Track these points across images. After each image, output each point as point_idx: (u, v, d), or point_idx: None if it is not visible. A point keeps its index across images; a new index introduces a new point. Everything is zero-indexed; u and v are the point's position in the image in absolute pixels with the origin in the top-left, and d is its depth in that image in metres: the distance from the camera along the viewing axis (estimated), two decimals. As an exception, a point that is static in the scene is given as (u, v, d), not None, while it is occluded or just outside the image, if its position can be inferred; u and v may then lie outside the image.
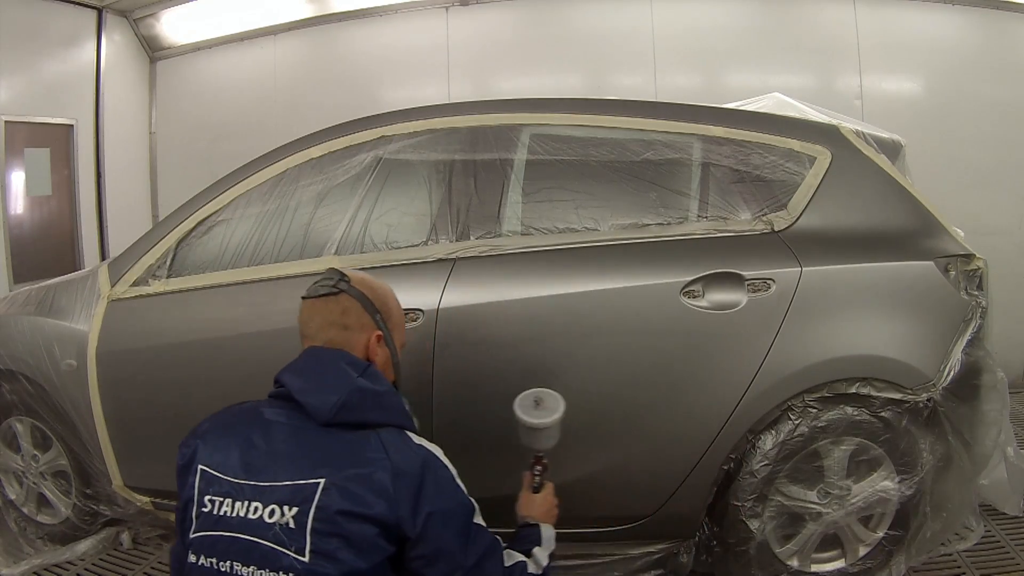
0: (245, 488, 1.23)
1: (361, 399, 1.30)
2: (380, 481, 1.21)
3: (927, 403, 1.91)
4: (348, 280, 1.43)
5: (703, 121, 2.09)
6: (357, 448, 1.25)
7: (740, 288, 1.90)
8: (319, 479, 1.21)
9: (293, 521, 1.19)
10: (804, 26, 4.22)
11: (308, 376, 1.33)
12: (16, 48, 4.19)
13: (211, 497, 1.25)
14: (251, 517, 1.22)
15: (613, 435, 1.95)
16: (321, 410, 1.27)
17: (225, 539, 1.22)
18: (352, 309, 1.41)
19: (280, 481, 1.22)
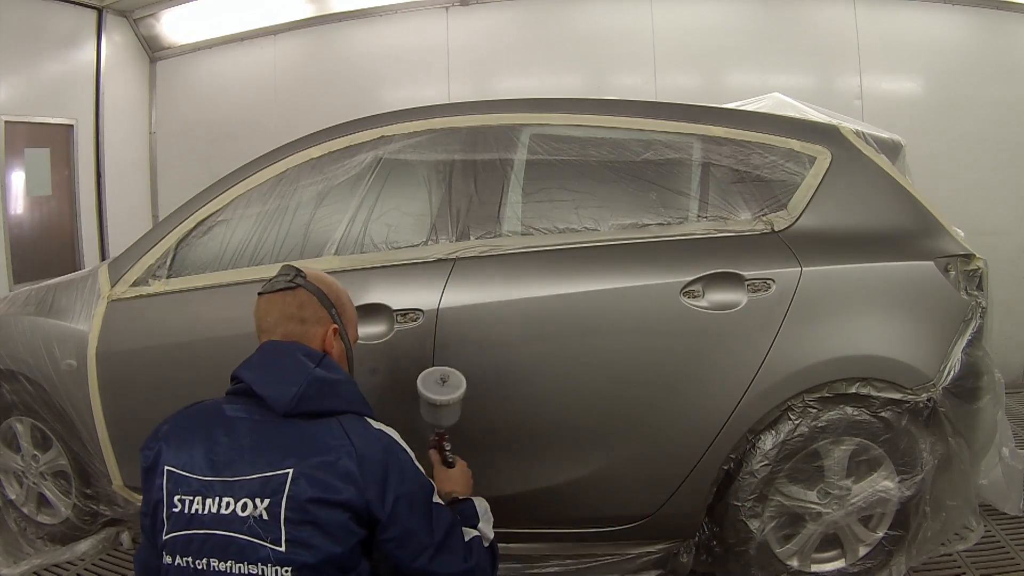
0: (215, 485, 1.25)
1: (319, 388, 1.32)
2: (346, 467, 1.24)
3: (927, 403, 1.91)
4: (304, 275, 1.47)
5: (703, 121, 2.09)
6: (320, 436, 1.27)
7: (740, 288, 1.90)
8: (287, 469, 1.23)
9: (266, 512, 1.21)
10: (804, 26, 4.22)
11: (266, 369, 1.36)
12: (16, 48, 4.19)
13: (180, 497, 1.26)
14: (224, 513, 1.23)
15: (613, 435, 1.95)
16: (281, 401, 1.29)
17: (199, 536, 1.24)
18: (309, 303, 1.45)
19: (248, 475, 1.24)
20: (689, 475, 1.92)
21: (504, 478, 1.95)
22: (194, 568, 1.23)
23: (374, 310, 1.95)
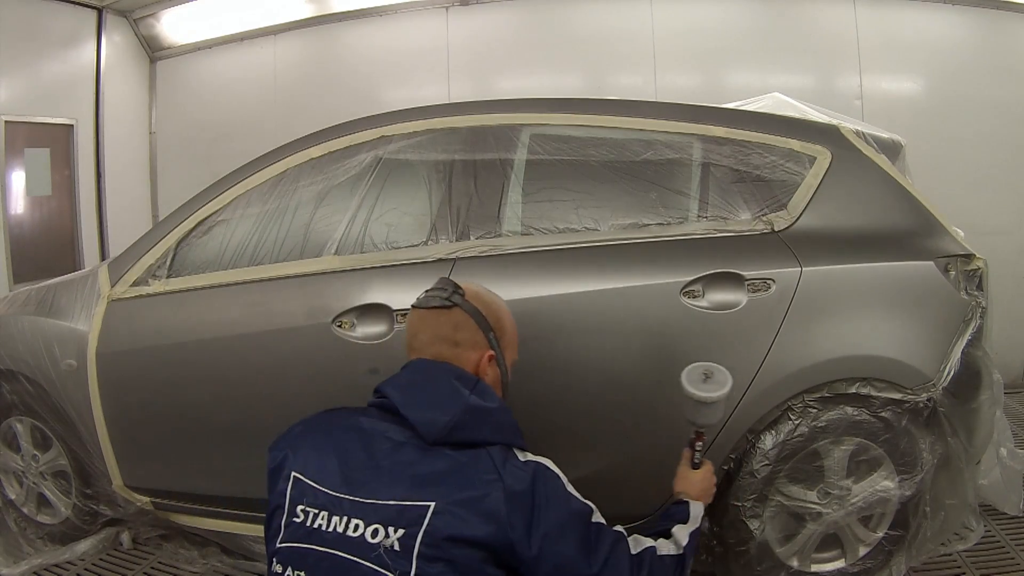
0: (345, 503, 1.17)
1: (473, 418, 1.24)
2: (493, 504, 1.16)
3: (927, 403, 1.91)
4: (462, 293, 1.38)
5: (703, 121, 2.09)
6: (469, 470, 1.19)
7: (740, 288, 1.90)
8: (429, 502, 1.15)
9: (399, 544, 1.13)
10: (804, 26, 4.22)
11: (416, 392, 1.27)
12: (16, 48, 4.19)
13: (305, 508, 1.19)
14: (351, 535, 1.16)
15: (613, 435, 1.95)
16: (431, 429, 1.22)
17: (317, 553, 1.17)
18: (465, 325, 1.36)
19: (384, 499, 1.17)
20: (689, 475, 1.92)
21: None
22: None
23: (374, 310, 1.95)
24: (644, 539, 1.33)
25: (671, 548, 1.33)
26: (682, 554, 1.34)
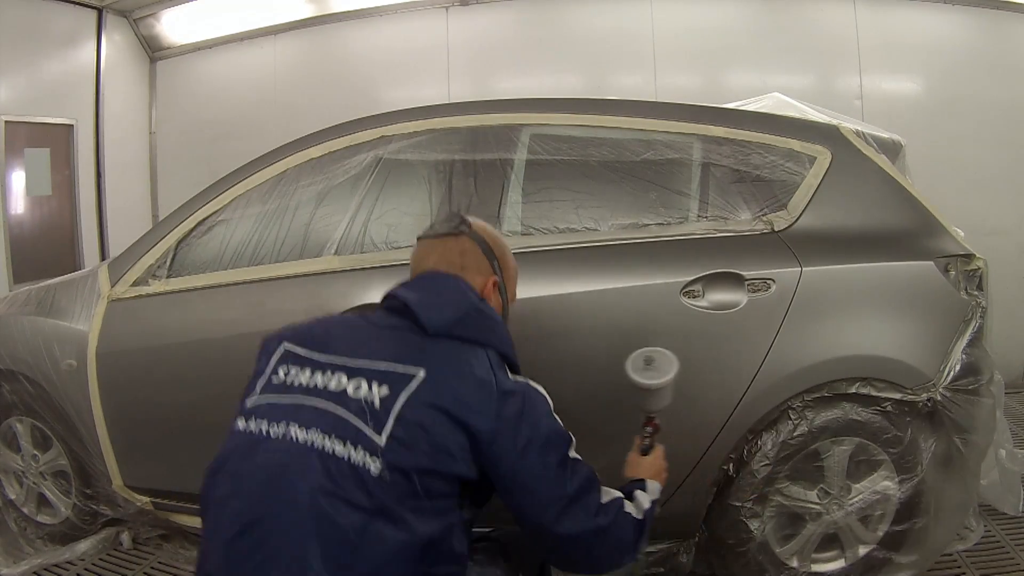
0: (332, 363, 1.18)
1: (477, 319, 1.27)
2: (486, 393, 1.16)
3: (927, 403, 1.91)
4: (470, 224, 1.41)
5: (703, 121, 2.09)
6: (466, 358, 1.20)
7: (740, 288, 1.90)
8: (421, 368, 1.15)
9: (380, 401, 1.13)
10: (804, 26, 4.22)
11: (425, 291, 1.29)
12: (16, 48, 4.19)
13: (288, 368, 1.20)
14: (332, 387, 1.16)
15: (613, 435, 1.95)
16: (436, 320, 1.23)
17: (287, 401, 1.17)
18: (471, 251, 1.38)
19: (373, 360, 1.17)
20: (689, 475, 1.92)
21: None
22: (263, 434, 1.15)
23: (374, 310, 1.95)
24: (612, 491, 1.33)
25: (633, 510, 1.34)
26: (642, 519, 1.33)
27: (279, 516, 1.09)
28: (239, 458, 1.17)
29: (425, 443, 1.11)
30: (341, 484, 1.09)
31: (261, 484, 1.12)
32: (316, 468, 1.10)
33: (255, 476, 1.14)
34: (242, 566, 1.08)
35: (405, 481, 1.10)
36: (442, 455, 1.12)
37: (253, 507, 1.11)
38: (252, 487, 1.13)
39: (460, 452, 1.14)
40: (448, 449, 1.13)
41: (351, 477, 1.09)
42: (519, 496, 1.19)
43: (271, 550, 1.07)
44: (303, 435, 1.13)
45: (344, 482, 1.09)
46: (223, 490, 1.16)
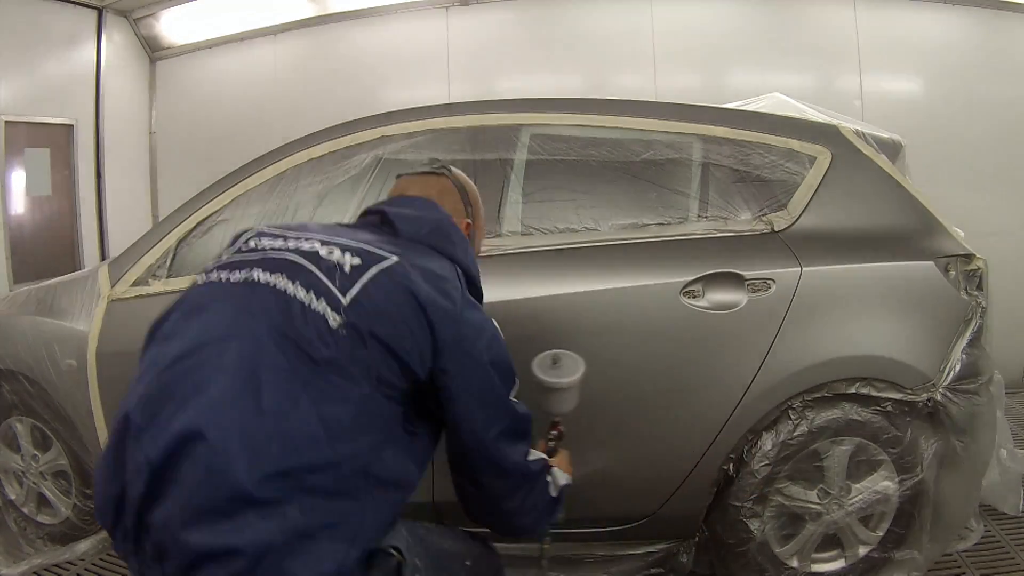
0: (310, 237, 1.18)
1: (451, 235, 1.29)
2: (451, 300, 1.16)
3: (927, 403, 1.91)
4: (451, 169, 1.46)
5: (703, 121, 2.09)
6: (438, 263, 1.21)
7: (740, 288, 1.90)
8: (394, 255, 1.15)
9: (350, 268, 1.12)
10: (804, 26, 4.22)
11: (402, 206, 1.32)
12: (16, 48, 4.19)
13: (260, 239, 1.20)
14: (304, 248, 1.16)
15: (613, 435, 1.95)
16: (411, 227, 1.25)
17: (252, 259, 1.15)
18: (450, 192, 1.41)
19: (351, 241, 1.18)
20: (689, 475, 1.92)
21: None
22: (221, 281, 1.14)
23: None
24: (539, 453, 1.33)
25: (551, 483, 1.34)
26: (556, 497, 1.34)
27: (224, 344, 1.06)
28: (190, 303, 1.16)
29: (387, 315, 1.10)
30: (297, 327, 1.07)
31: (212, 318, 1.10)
32: (275, 307, 1.09)
33: (206, 311, 1.12)
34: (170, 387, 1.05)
35: (360, 345, 1.08)
36: (402, 332, 1.10)
37: (200, 335, 1.08)
38: (202, 322, 1.11)
39: (418, 340, 1.11)
40: (410, 328, 1.11)
41: (310, 324, 1.07)
42: (465, 406, 1.16)
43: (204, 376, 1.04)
44: (266, 277, 1.13)
45: (301, 327, 1.07)
46: (168, 328, 1.15)
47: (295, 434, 1.02)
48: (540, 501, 1.30)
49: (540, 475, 1.30)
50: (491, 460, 1.21)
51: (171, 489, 0.99)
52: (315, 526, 1.00)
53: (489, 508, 1.27)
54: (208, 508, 0.97)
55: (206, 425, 0.99)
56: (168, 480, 0.99)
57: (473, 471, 1.23)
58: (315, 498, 1.01)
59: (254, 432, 1.00)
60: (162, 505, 0.99)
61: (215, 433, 0.99)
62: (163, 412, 1.03)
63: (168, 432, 1.00)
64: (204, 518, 0.96)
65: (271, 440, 1.00)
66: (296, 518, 0.98)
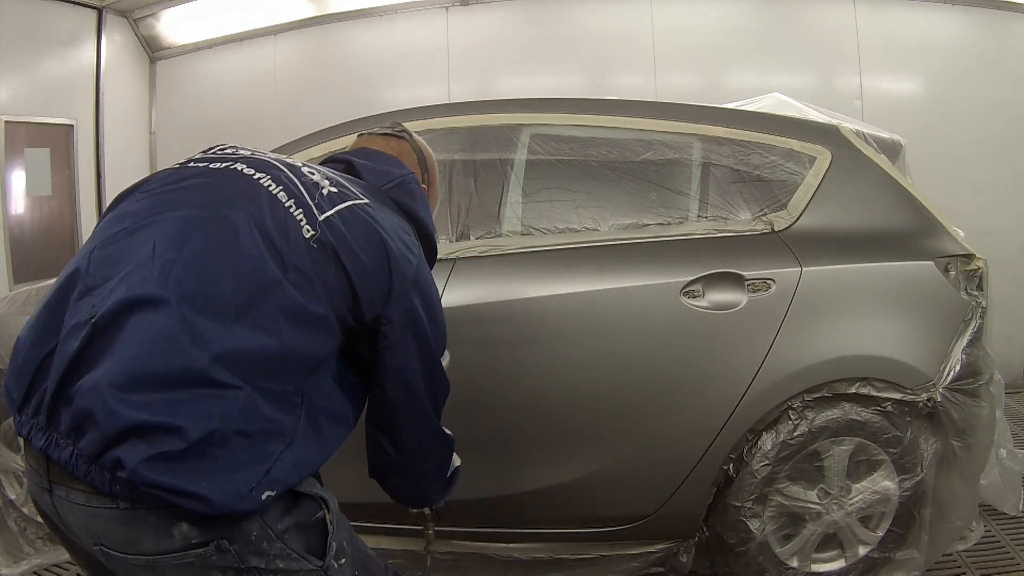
0: (283, 163, 1.18)
1: (416, 191, 1.31)
2: (408, 258, 1.16)
3: (927, 403, 1.91)
4: (410, 133, 1.48)
5: (703, 121, 2.09)
6: (401, 222, 1.23)
7: (740, 288, 1.90)
8: (362, 199, 1.16)
9: (328, 194, 1.13)
10: (804, 26, 4.23)
11: (367, 157, 1.34)
12: (16, 48, 4.19)
13: (236, 150, 1.20)
14: (286, 160, 1.18)
15: (613, 435, 1.95)
16: (376, 179, 1.27)
17: (235, 156, 1.16)
18: (408, 154, 1.43)
19: (328, 171, 1.20)
20: (689, 475, 1.92)
21: (504, 478, 1.95)
22: (203, 167, 1.13)
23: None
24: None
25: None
26: (451, 476, 1.37)
27: (197, 216, 1.04)
28: (162, 177, 1.14)
29: (355, 248, 1.10)
30: (276, 223, 1.06)
31: (189, 192, 1.09)
32: (255, 198, 1.08)
33: (184, 184, 1.10)
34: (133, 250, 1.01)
35: (326, 264, 1.07)
36: (365, 268, 1.10)
37: (173, 204, 1.07)
38: (177, 192, 1.09)
39: (376, 280, 1.11)
40: (373, 267, 1.11)
41: (289, 227, 1.06)
42: (403, 357, 1.16)
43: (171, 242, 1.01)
44: (250, 171, 1.12)
45: (279, 224, 1.06)
46: (139, 195, 1.12)
47: (256, 325, 0.99)
48: (444, 473, 1.33)
49: (452, 445, 1.34)
50: (417, 416, 1.22)
51: (112, 350, 0.93)
52: (255, 425, 0.96)
53: (402, 470, 1.27)
54: (151, 378, 0.91)
55: (169, 292, 0.95)
56: (110, 341, 0.94)
57: (397, 428, 1.22)
58: (261, 398, 0.97)
59: (218, 310, 0.97)
60: (96, 368, 0.92)
61: (175, 301, 0.95)
62: (120, 273, 0.99)
63: (123, 292, 0.96)
64: (143, 388, 0.90)
65: (235, 322, 0.97)
66: (241, 409, 0.94)
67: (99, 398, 0.90)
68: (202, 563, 0.95)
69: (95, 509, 0.94)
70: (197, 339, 0.94)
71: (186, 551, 0.94)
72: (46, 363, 0.99)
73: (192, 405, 0.91)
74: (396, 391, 1.18)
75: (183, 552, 0.94)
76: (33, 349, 1.01)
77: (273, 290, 1.01)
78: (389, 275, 1.12)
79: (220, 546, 0.95)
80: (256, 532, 0.97)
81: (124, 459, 0.88)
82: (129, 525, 0.94)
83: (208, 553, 0.95)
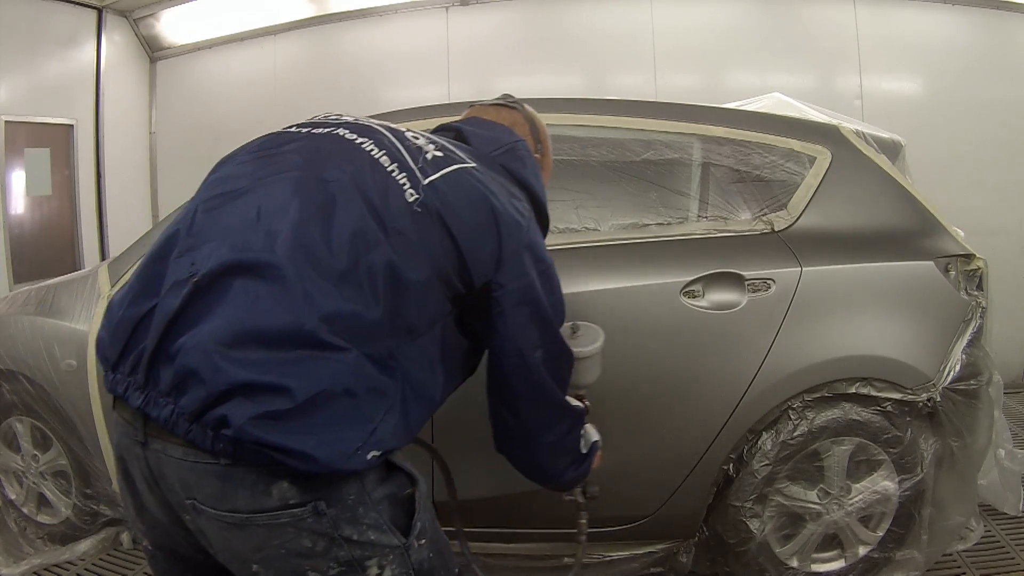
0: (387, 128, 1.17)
1: (526, 158, 1.28)
2: (521, 215, 1.14)
3: (927, 403, 1.91)
4: (523, 104, 1.46)
5: (703, 121, 2.09)
6: (511, 187, 1.20)
7: (740, 288, 1.90)
8: (473, 163, 1.15)
9: (433, 158, 1.11)
10: (804, 26, 4.22)
11: (477, 125, 1.33)
12: (16, 48, 4.19)
13: (339, 116, 1.20)
14: (391, 125, 1.17)
15: (613, 435, 1.94)
16: (488, 145, 1.25)
17: (335, 122, 1.16)
18: (521, 125, 1.42)
19: (433, 136, 1.20)
20: (689, 475, 1.92)
21: (504, 478, 1.94)
22: (306, 133, 1.14)
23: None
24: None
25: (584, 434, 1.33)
26: (586, 455, 1.33)
27: (301, 179, 1.03)
28: (262, 142, 1.14)
29: (461, 213, 1.08)
30: (377, 188, 1.04)
31: (289, 156, 1.08)
32: (357, 161, 1.07)
33: (285, 148, 1.10)
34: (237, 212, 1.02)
35: (431, 228, 1.05)
36: (472, 233, 1.08)
37: (275, 167, 1.07)
38: (279, 155, 1.09)
39: (485, 246, 1.09)
40: (481, 232, 1.08)
41: (390, 191, 1.05)
42: (514, 323, 1.13)
43: (274, 205, 1.01)
44: (352, 136, 1.12)
45: (380, 189, 1.04)
46: (241, 157, 1.12)
47: (359, 287, 0.98)
48: (573, 446, 1.27)
49: (578, 417, 1.27)
50: (532, 384, 1.17)
51: (216, 310, 0.93)
52: (361, 386, 0.95)
53: (525, 442, 1.24)
54: (258, 338, 0.91)
55: (274, 256, 0.95)
56: (213, 301, 0.93)
57: (514, 397, 1.19)
58: (367, 360, 0.96)
59: (322, 273, 0.96)
60: (198, 327, 0.92)
61: (281, 264, 0.94)
62: (223, 235, 0.99)
63: (227, 254, 0.96)
64: (250, 347, 0.90)
65: (339, 285, 0.96)
66: (348, 370, 0.94)
67: (204, 356, 0.89)
68: (295, 525, 0.94)
69: (192, 463, 0.94)
70: (304, 300, 0.93)
71: (281, 511, 0.93)
72: (144, 322, 0.98)
73: (300, 366, 0.91)
74: (511, 360, 1.15)
75: (278, 511, 0.93)
76: (131, 308, 1.01)
77: (375, 253, 1.00)
78: (498, 238, 1.10)
79: (317, 508, 0.94)
80: (353, 496, 0.97)
81: (230, 417, 0.88)
82: (227, 481, 0.93)
83: (304, 515, 0.94)
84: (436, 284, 1.06)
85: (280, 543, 0.94)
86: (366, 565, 0.98)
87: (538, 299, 1.14)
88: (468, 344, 1.17)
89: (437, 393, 1.12)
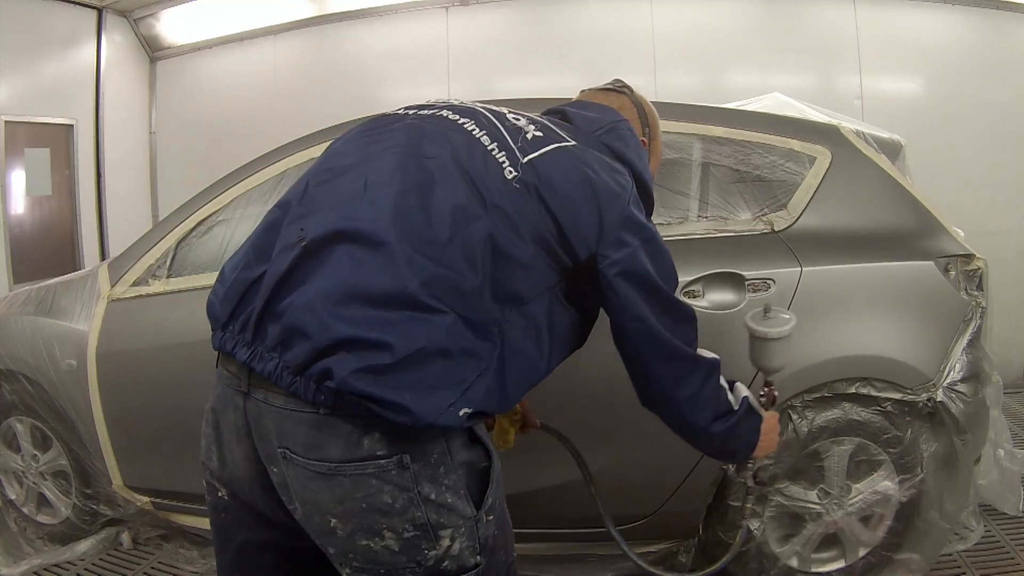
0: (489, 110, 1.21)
1: (628, 138, 1.29)
2: (622, 188, 1.15)
3: (927, 403, 1.91)
4: (632, 89, 1.48)
5: (703, 121, 2.09)
6: (613, 163, 1.21)
7: (740, 288, 1.90)
8: (574, 142, 1.17)
9: (532, 137, 1.15)
10: (804, 26, 4.22)
11: (582, 107, 1.36)
12: (16, 48, 4.19)
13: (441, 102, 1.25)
14: (492, 107, 1.21)
15: (613, 435, 1.95)
16: (591, 125, 1.27)
17: (439, 105, 1.21)
18: (629, 109, 1.43)
19: (535, 117, 1.23)
20: (689, 475, 1.92)
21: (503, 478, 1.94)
22: (412, 114, 1.19)
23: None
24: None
25: (731, 396, 1.31)
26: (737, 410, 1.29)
27: (406, 155, 1.08)
28: (371, 123, 1.20)
29: (561, 191, 1.10)
30: (477, 166, 1.09)
31: (396, 135, 1.13)
32: (459, 141, 1.12)
33: (391, 128, 1.15)
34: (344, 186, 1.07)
35: (530, 204, 1.08)
36: (572, 211, 1.10)
37: (382, 145, 1.12)
38: (386, 133, 1.14)
39: (586, 221, 1.11)
40: (580, 209, 1.11)
41: (490, 169, 1.09)
42: (625, 292, 1.14)
43: (380, 179, 1.05)
44: (455, 116, 1.17)
45: (480, 167, 1.09)
46: (352, 135, 1.19)
47: (459, 256, 1.02)
48: (712, 397, 1.26)
49: (712, 369, 1.26)
50: (655, 341, 1.19)
51: (323, 271, 0.99)
52: (456, 347, 0.99)
53: (663, 400, 1.26)
54: (363, 297, 0.96)
55: (380, 225, 1.00)
56: (320, 263, 0.99)
57: (642, 360, 1.22)
58: (464, 324, 1.01)
59: (424, 241, 1.01)
60: (305, 286, 0.98)
61: (386, 232, 0.99)
62: (332, 204, 1.05)
63: (336, 221, 1.02)
64: (355, 305, 0.96)
65: (440, 253, 1.01)
66: (446, 332, 0.98)
67: (312, 313, 0.96)
68: (380, 476, 0.98)
69: (291, 411, 0.99)
70: (407, 264, 0.98)
71: (369, 460, 0.98)
72: (255, 285, 1.05)
73: (401, 325, 0.96)
74: (630, 325, 1.18)
75: (365, 461, 0.98)
76: (244, 272, 1.08)
77: (474, 226, 1.04)
78: (598, 210, 1.12)
79: (402, 461, 0.99)
80: (437, 455, 1.02)
81: (334, 369, 0.94)
82: (322, 430, 0.98)
83: (389, 466, 0.98)
84: (541, 255, 1.09)
85: (363, 496, 0.98)
86: (440, 535, 1.02)
87: (644, 267, 1.16)
88: (577, 315, 1.19)
89: (542, 361, 1.14)
